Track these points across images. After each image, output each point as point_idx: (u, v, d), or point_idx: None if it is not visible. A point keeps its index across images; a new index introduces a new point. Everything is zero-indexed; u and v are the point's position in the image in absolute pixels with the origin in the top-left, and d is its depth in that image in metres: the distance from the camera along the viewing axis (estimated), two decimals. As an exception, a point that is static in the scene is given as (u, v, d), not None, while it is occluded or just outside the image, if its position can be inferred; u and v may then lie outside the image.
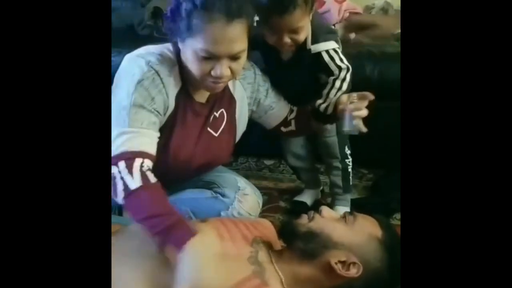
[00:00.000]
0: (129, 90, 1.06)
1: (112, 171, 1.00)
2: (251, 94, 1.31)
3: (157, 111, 1.09)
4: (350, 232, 1.02)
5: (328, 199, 1.71)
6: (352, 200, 1.68)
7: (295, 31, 1.24)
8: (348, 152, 1.57)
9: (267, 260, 1.03)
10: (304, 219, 1.06)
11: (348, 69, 1.33)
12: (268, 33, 1.26)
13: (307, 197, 1.71)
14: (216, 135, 1.25)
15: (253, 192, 1.36)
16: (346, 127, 1.21)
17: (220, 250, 0.97)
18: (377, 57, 1.78)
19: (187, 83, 1.15)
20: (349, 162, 1.58)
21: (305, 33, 1.28)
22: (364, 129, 1.21)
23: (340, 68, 1.32)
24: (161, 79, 1.09)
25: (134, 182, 0.98)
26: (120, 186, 0.98)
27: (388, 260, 1.00)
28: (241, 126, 1.33)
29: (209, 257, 0.92)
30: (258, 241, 1.08)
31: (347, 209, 1.63)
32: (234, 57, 1.05)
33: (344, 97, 1.23)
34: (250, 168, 1.97)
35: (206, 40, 1.01)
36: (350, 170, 1.60)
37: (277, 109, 1.37)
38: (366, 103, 1.21)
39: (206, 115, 1.22)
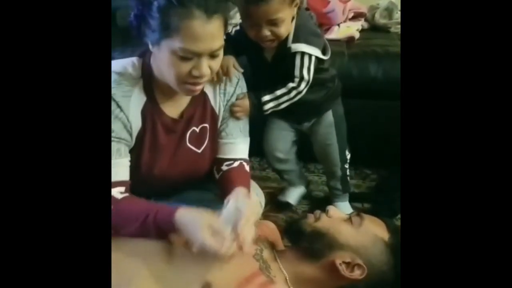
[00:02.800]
0: None
1: None
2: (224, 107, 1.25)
3: (119, 138, 1.07)
4: (356, 233, 1.02)
5: (319, 193, 1.71)
6: (355, 200, 1.69)
7: (274, 22, 1.21)
8: (348, 155, 1.56)
9: (271, 258, 1.03)
10: (310, 218, 1.06)
11: (308, 83, 1.31)
12: (248, 26, 1.24)
13: (290, 196, 1.71)
14: (199, 151, 1.21)
15: (255, 193, 1.33)
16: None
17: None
18: (381, 57, 1.78)
19: (156, 96, 1.11)
20: (347, 165, 1.57)
21: (286, 27, 1.24)
22: None
23: (301, 79, 1.30)
24: (116, 102, 1.06)
25: None
26: None
27: (394, 263, 0.99)
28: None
29: (199, 213, 0.95)
30: (262, 239, 1.07)
31: (346, 204, 1.65)
32: (213, 55, 1.02)
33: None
34: (253, 168, 1.96)
35: (186, 38, 0.96)
36: (348, 172, 1.59)
37: (229, 142, 1.25)
38: None
39: (182, 131, 1.17)
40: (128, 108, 1.07)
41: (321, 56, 1.33)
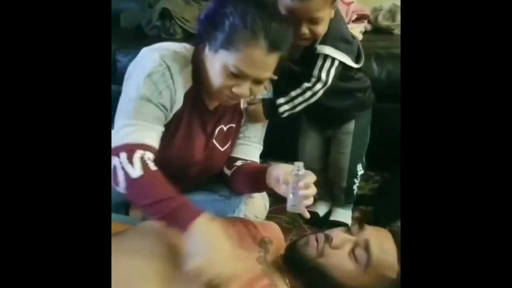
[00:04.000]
0: (138, 82, 1.06)
1: (112, 162, 1.01)
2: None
3: (163, 106, 1.09)
4: (362, 275, 0.95)
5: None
6: (357, 203, 1.68)
7: (314, 20, 1.21)
8: (360, 171, 1.52)
9: (274, 263, 1.02)
10: (312, 249, 0.98)
11: (325, 85, 1.30)
12: None
13: (319, 208, 1.67)
14: (222, 149, 1.25)
15: (259, 195, 1.35)
16: (290, 204, 1.02)
17: (230, 249, 0.95)
18: (384, 58, 1.79)
19: (200, 86, 1.14)
20: (356, 180, 1.53)
21: (324, 27, 1.24)
22: (307, 216, 1.04)
23: (318, 79, 1.29)
24: (171, 74, 1.08)
25: (135, 171, 0.99)
26: (121, 176, 0.99)
27: None
28: None
29: (216, 233, 0.93)
30: (266, 241, 1.07)
31: (347, 212, 1.60)
32: (258, 81, 1.07)
33: (289, 173, 1.03)
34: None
35: (243, 60, 1.01)
36: (355, 187, 1.55)
37: (245, 144, 1.29)
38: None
39: (212, 126, 1.21)
40: (178, 84, 1.10)
41: (348, 62, 1.33)
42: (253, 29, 0.99)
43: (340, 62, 1.31)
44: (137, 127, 1.04)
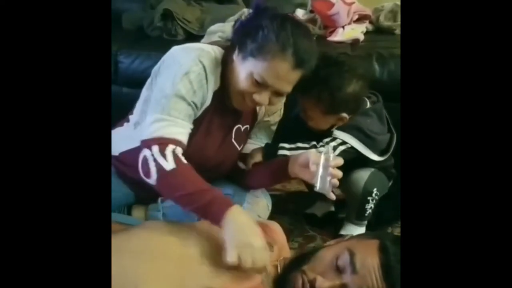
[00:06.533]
0: (175, 80, 1.10)
1: (143, 154, 1.06)
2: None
3: (195, 104, 1.13)
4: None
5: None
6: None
7: (306, 113, 1.33)
8: (375, 192, 1.46)
9: (275, 271, 1.01)
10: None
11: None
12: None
13: (318, 209, 1.66)
14: (239, 148, 1.30)
15: (262, 195, 1.37)
16: (318, 186, 1.06)
17: (262, 238, 0.98)
18: (386, 59, 1.78)
19: (225, 87, 1.18)
20: (371, 199, 1.46)
21: (316, 124, 1.36)
22: (333, 197, 1.09)
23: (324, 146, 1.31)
24: (206, 74, 1.12)
25: (169, 164, 1.04)
26: (153, 168, 1.04)
27: None
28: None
29: (249, 223, 0.97)
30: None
31: (360, 229, 1.54)
32: (278, 93, 1.12)
33: (319, 155, 1.08)
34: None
35: (268, 71, 1.06)
36: (368, 207, 1.47)
37: (256, 144, 1.36)
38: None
39: (231, 125, 1.26)
40: (210, 84, 1.15)
41: (362, 151, 1.37)
42: (284, 43, 1.04)
43: (354, 148, 1.36)
44: (169, 122, 1.08)
